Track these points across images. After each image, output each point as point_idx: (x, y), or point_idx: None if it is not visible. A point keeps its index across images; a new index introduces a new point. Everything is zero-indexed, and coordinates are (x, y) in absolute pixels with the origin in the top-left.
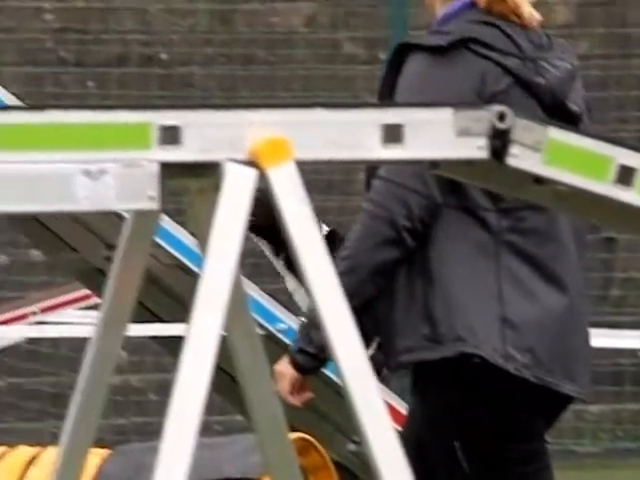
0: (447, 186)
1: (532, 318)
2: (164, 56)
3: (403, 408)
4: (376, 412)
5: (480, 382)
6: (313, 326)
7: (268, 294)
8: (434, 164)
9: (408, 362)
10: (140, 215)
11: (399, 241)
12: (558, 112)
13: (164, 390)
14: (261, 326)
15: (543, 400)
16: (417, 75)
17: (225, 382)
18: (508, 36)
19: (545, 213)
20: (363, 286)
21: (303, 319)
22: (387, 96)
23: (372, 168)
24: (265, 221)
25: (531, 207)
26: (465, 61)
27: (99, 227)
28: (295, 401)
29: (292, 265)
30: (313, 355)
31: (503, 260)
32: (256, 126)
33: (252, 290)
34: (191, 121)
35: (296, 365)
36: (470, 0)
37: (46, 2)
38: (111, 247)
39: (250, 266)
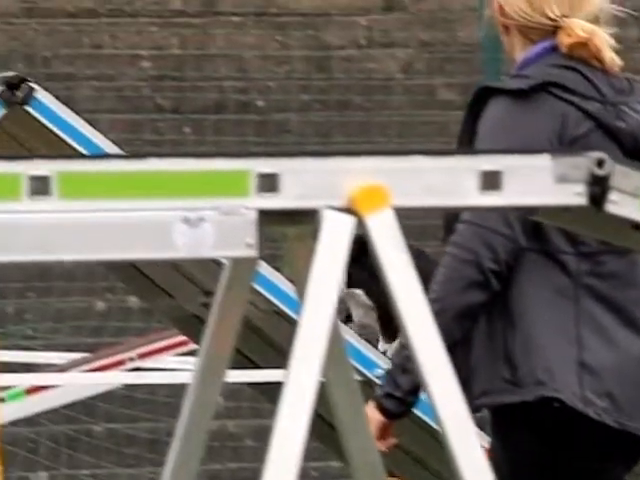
0: (528, 229)
1: (611, 363)
2: (260, 103)
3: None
4: (473, 453)
5: (561, 426)
6: (400, 370)
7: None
8: (531, 210)
9: (487, 405)
10: (238, 262)
11: (485, 284)
12: (638, 156)
13: (260, 436)
14: (359, 372)
15: (623, 445)
16: (498, 119)
17: (323, 429)
18: (589, 80)
19: (625, 257)
20: (450, 329)
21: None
22: (467, 141)
23: (451, 213)
24: None
25: (611, 251)
26: (546, 105)
27: (197, 274)
28: (381, 446)
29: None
30: (400, 399)
31: (582, 304)
32: (354, 173)
33: (349, 336)
34: (289, 168)
35: (383, 410)
36: (551, 45)
37: (143, 50)
38: (209, 294)
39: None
